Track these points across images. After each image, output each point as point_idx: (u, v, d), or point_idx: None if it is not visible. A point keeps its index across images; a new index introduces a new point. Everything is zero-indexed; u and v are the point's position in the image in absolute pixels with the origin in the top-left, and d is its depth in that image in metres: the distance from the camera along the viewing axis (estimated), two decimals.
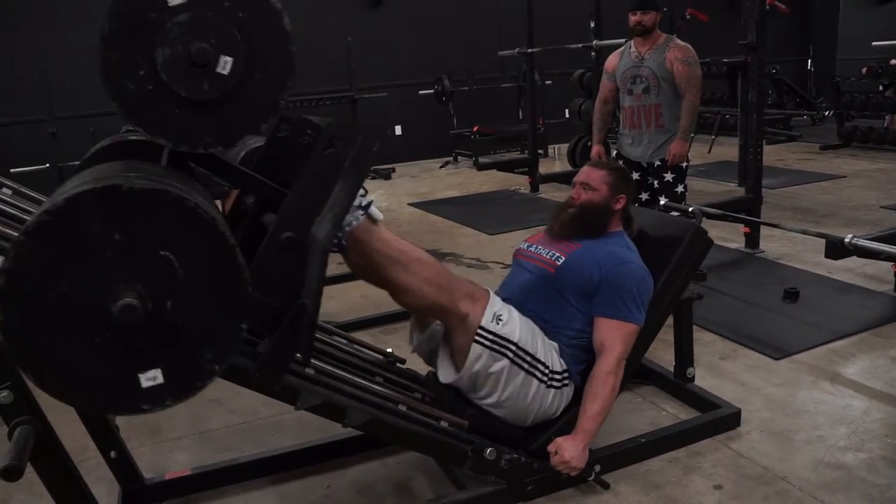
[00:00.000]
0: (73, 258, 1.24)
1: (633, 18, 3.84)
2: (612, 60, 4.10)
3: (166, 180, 1.33)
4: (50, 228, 1.22)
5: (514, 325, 2.06)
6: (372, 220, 1.87)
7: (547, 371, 2.11)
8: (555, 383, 2.13)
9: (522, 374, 2.06)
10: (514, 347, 2.03)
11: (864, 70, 8.13)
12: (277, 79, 1.52)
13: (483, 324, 2.00)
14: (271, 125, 1.64)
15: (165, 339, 1.32)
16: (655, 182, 3.93)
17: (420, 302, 2.01)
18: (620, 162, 3.93)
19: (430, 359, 2.22)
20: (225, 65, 1.45)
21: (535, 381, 2.09)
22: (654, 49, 3.85)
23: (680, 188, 3.91)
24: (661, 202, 3.63)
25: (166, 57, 1.42)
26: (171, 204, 1.27)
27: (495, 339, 2.01)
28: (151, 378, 1.33)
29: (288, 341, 1.54)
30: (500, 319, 2.03)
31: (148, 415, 1.41)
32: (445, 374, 2.09)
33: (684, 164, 3.91)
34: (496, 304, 2.06)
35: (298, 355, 1.59)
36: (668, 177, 3.88)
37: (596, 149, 4.21)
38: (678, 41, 3.87)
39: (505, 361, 2.03)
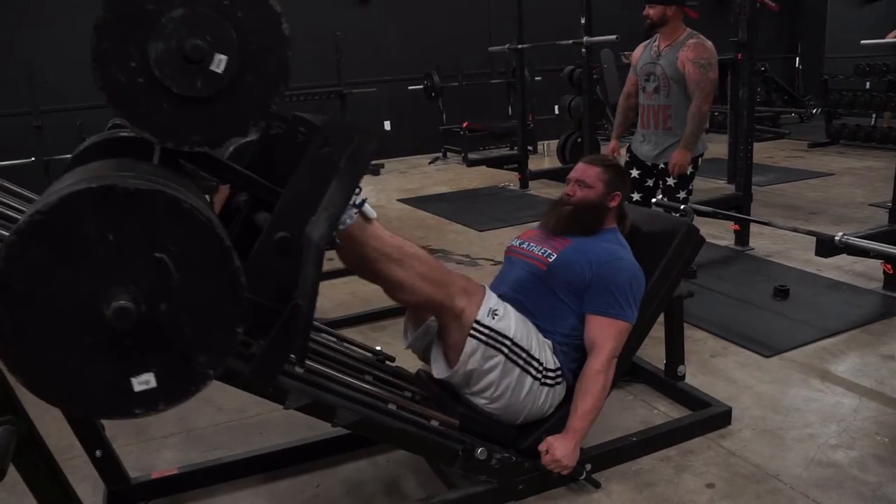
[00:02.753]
0: (66, 259, 1.22)
1: (645, 11, 3.67)
2: (636, 53, 3.92)
3: (161, 180, 1.30)
4: (42, 228, 1.19)
5: (510, 320, 2.05)
6: (366, 218, 1.85)
7: (541, 368, 2.09)
8: (548, 381, 2.12)
9: (517, 370, 2.05)
10: (509, 343, 2.02)
11: None
12: (271, 82, 1.50)
13: (479, 318, 1.98)
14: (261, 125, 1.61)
15: (159, 342, 1.30)
16: (659, 183, 3.79)
17: (415, 298, 1.98)
18: (627, 158, 3.86)
19: (425, 355, 2.20)
20: (219, 63, 1.42)
21: (530, 379, 2.07)
22: (671, 46, 3.65)
23: (682, 194, 3.73)
24: (654, 199, 3.61)
25: (160, 51, 1.39)
26: (166, 205, 1.25)
27: (490, 333, 1.99)
28: (144, 382, 1.31)
29: (282, 342, 1.52)
30: (495, 314, 2.02)
31: None
32: (440, 370, 2.07)
33: (688, 171, 3.70)
34: (492, 300, 2.04)
35: (293, 356, 1.57)
36: (671, 181, 3.73)
37: (611, 144, 4.09)
38: (698, 39, 3.62)
39: (500, 357, 2.01)
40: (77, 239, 1.21)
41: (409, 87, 9.21)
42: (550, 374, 2.12)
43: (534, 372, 2.08)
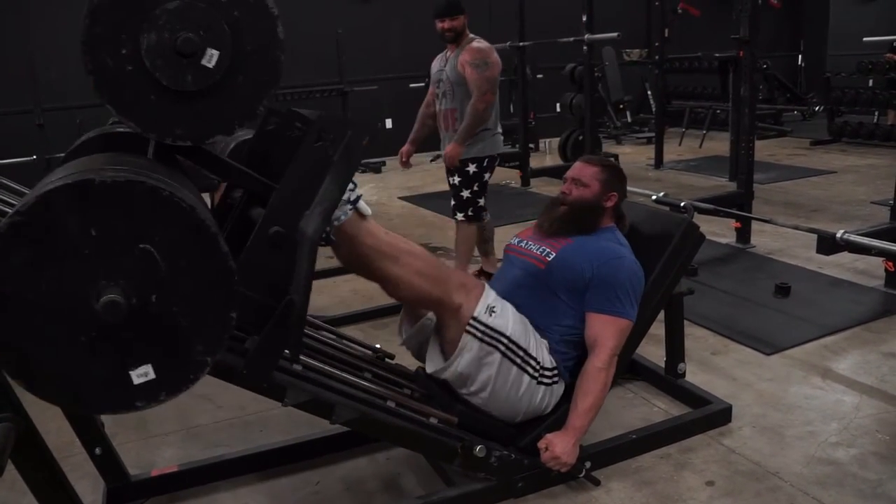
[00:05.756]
0: (51, 257, 1.20)
1: (441, 26, 3.70)
2: (433, 64, 3.98)
3: (144, 172, 1.29)
4: (23, 229, 1.18)
5: (507, 318, 2.04)
6: (361, 214, 1.85)
7: (538, 367, 2.09)
8: (545, 380, 2.11)
9: (515, 368, 2.04)
10: (506, 341, 2.01)
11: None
12: (261, 84, 1.48)
13: (476, 314, 1.98)
14: (252, 123, 1.60)
15: (153, 333, 1.29)
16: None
17: (412, 294, 1.98)
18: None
19: (420, 352, 2.20)
20: (211, 58, 1.40)
21: (527, 377, 2.07)
22: (454, 53, 3.72)
23: (466, 193, 3.80)
24: (653, 196, 3.60)
25: (151, 42, 1.37)
26: (145, 195, 1.23)
27: (487, 330, 1.99)
28: (143, 374, 1.30)
29: (276, 337, 1.52)
30: (493, 311, 2.01)
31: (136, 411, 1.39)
32: (434, 365, 2.06)
33: (471, 171, 3.76)
34: (490, 297, 2.03)
35: (287, 352, 1.57)
36: (455, 180, 3.80)
37: (404, 147, 4.12)
38: (476, 43, 3.68)
39: (497, 355, 2.00)
40: (60, 236, 1.20)
41: (411, 85, 9.20)
42: (547, 372, 2.12)
43: (531, 371, 2.07)
